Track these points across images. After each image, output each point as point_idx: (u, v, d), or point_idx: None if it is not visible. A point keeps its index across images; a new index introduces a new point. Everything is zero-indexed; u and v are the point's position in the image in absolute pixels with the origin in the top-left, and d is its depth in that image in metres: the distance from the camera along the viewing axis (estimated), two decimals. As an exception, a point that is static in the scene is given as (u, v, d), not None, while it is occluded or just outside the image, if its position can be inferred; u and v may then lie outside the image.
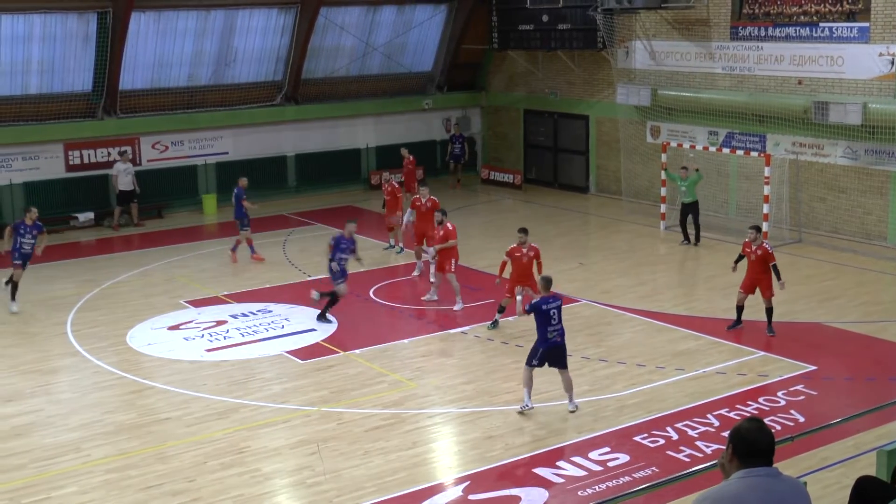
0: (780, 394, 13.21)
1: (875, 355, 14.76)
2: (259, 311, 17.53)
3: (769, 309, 15.55)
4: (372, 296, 18.24)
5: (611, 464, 11.24)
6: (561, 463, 11.30)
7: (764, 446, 4.56)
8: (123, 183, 25.01)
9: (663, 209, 23.64)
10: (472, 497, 10.57)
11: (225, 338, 16.10)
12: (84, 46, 24.74)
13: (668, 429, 12.13)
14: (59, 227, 24.24)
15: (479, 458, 11.50)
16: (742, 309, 15.73)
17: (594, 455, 11.46)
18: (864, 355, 14.76)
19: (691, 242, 21.80)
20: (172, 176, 26.69)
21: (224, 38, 26.62)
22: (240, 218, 20.91)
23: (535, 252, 15.87)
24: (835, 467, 10.84)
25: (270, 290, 18.96)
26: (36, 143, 24.75)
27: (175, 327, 16.74)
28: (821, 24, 21.79)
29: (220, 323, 16.86)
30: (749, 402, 12.93)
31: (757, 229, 15.82)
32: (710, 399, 13.06)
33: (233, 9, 26.28)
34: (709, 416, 12.51)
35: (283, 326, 16.63)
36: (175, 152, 26.84)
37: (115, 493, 10.76)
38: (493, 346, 15.49)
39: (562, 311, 12.68)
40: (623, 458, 11.38)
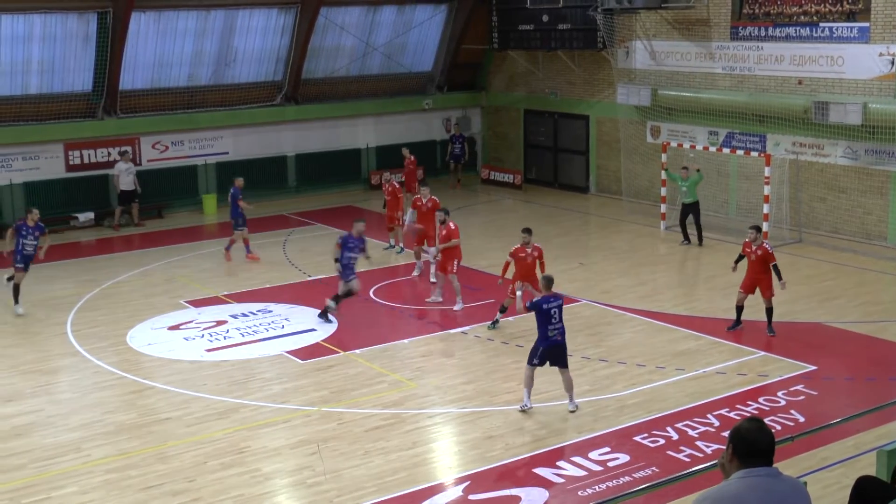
0: (780, 394, 13.21)
1: (875, 355, 14.76)
2: (259, 311, 17.53)
3: (769, 309, 15.56)
4: (372, 296, 18.23)
5: (611, 464, 11.24)
6: (561, 463, 11.30)
7: (764, 446, 4.56)
8: (125, 183, 25.02)
9: (663, 209, 23.64)
10: (472, 497, 10.57)
11: (225, 338, 16.10)
12: (84, 46, 24.74)
13: (669, 429, 12.13)
14: (59, 227, 24.22)
15: (479, 458, 11.50)
16: (742, 309, 15.73)
17: (594, 455, 11.46)
18: (864, 355, 14.77)
19: (691, 242, 21.81)
20: (172, 176, 26.70)
21: (224, 38, 26.62)
22: (235, 218, 21.00)
23: (539, 252, 15.87)
24: (835, 467, 10.84)
25: (270, 290, 18.96)
26: (36, 143, 24.76)
27: (175, 327, 16.74)
28: (821, 24, 21.79)
29: (220, 323, 16.86)
30: (749, 402, 12.93)
31: (757, 229, 15.82)
32: (711, 399, 13.06)
33: (233, 9, 26.28)
34: (709, 416, 12.51)
35: (283, 326, 16.63)
36: (175, 152, 26.84)
37: (116, 493, 10.77)
38: (494, 346, 15.49)
39: (562, 310, 12.69)
40: (623, 458, 11.38)
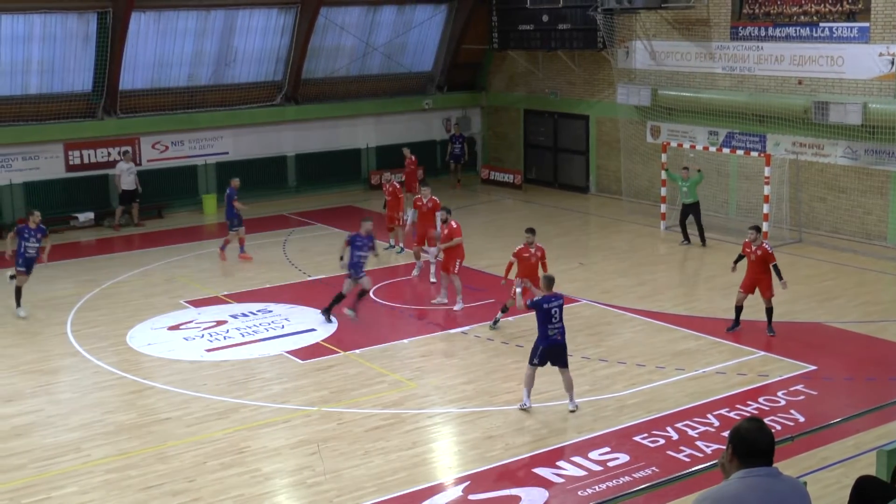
0: (780, 394, 13.22)
1: (875, 355, 14.76)
2: (259, 311, 17.54)
3: (769, 309, 15.55)
4: (372, 296, 18.23)
5: (611, 464, 11.24)
6: (561, 463, 11.30)
7: (764, 446, 4.56)
8: (126, 182, 25.02)
9: (663, 209, 23.64)
10: (472, 497, 10.57)
11: (225, 338, 16.10)
12: (84, 46, 24.74)
13: (668, 429, 12.13)
14: (59, 227, 24.23)
15: (479, 458, 11.50)
16: (741, 309, 15.71)
17: (594, 455, 11.46)
18: (864, 355, 14.76)
19: (691, 242, 21.80)
20: (172, 176, 26.70)
21: (224, 38, 26.62)
22: (230, 218, 21.06)
23: (542, 252, 15.87)
24: (835, 467, 10.84)
25: (270, 290, 18.97)
26: (36, 143, 24.75)
27: (175, 327, 16.74)
28: (821, 24, 21.79)
29: (220, 323, 16.86)
30: (749, 402, 12.93)
31: (757, 229, 15.81)
32: (710, 399, 13.06)
33: (233, 9, 26.28)
34: (709, 415, 12.51)
35: (283, 326, 16.64)
36: (175, 152, 26.85)
37: (115, 493, 10.76)
38: (494, 346, 15.49)
39: (563, 310, 12.69)
40: (623, 457, 11.38)
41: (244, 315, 17.30)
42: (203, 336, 16.20)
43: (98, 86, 25.15)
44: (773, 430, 4.64)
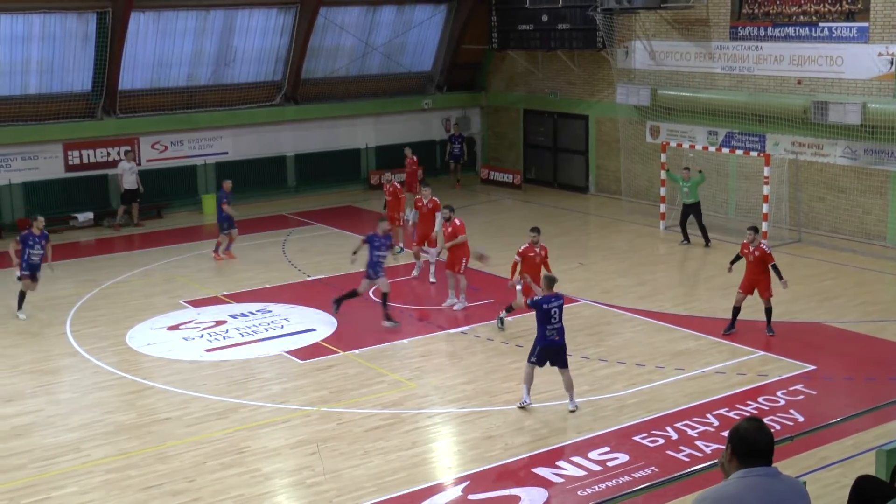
0: (779, 393, 13.22)
1: (874, 355, 14.77)
2: (258, 311, 17.54)
3: (768, 309, 15.55)
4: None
5: (610, 463, 11.25)
6: (560, 463, 11.31)
7: (763, 446, 4.56)
8: (128, 182, 25.03)
9: (663, 209, 23.65)
10: (471, 497, 10.57)
11: (224, 338, 16.10)
12: (83, 46, 24.74)
13: (668, 428, 12.14)
14: (58, 227, 24.22)
15: (479, 457, 11.51)
16: (738, 310, 15.67)
17: (594, 455, 11.47)
18: (864, 355, 14.77)
19: (691, 242, 21.80)
20: (172, 176, 26.70)
21: (223, 38, 26.62)
22: (220, 222, 21.08)
23: (545, 252, 15.87)
24: (834, 467, 10.85)
25: (270, 290, 18.97)
26: (35, 143, 24.75)
27: (175, 327, 16.74)
28: (820, 23, 21.80)
29: (219, 323, 16.86)
30: (748, 402, 12.94)
31: (754, 230, 15.78)
32: (710, 399, 13.06)
33: (232, 9, 26.28)
34: (708, 415, 12.52)
35: (282, 326, 16.64)
36: (174, 152, 26.85)
37: (115, 494, 10.77)
38: (493, 346, 15.49)
39: (563, 310, 12.69)
40: (623, 457, 11.39)
41: (243, 315, 17.30)
42: (202, 336, 16.20)
43: (97, 86, 25.15)
44: (772, 430, 4.65)
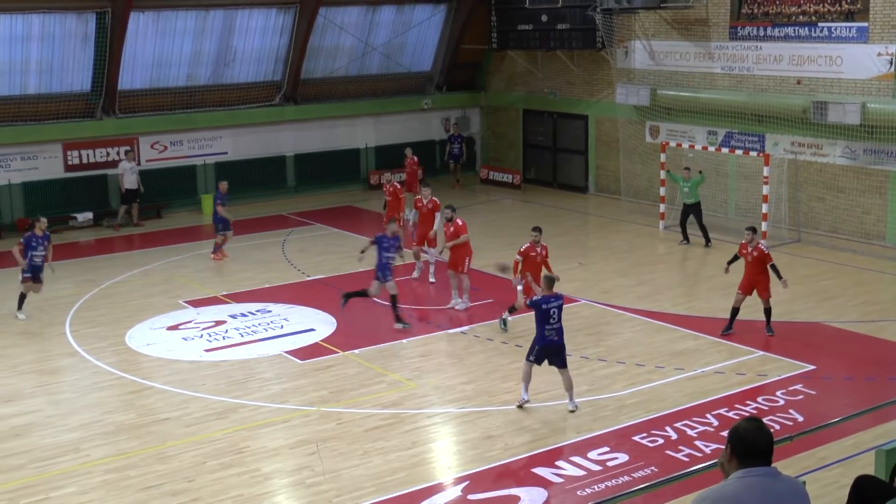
0: (778, 393, 13.22)
1: (874, 355, 14.77)
2: (258, 311, 17.54)
3: (767, 309, 15.55)
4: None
5: (610, 463, 11.25)
6: (560, 462, 11.31)
7: (763, 446, 4.56)
8: (129, 181, 25.03)
9: (662, 209, 23.66)
10: (471, 497, 10.57)
11: (224, 338, 16.10)
12: (83, 46, 24.73)
13: (668, 428, 12.14)
14: (58, 227, 24.20)
15: (479, 457, 11.51)
16: (737, 311, 15.66)
17: (593, 455, 11.47)
18: (863, 355, 14.77)
19: (690, 242, 21.80)
20: (171, 176, 26.70)
21: (223, 37, 26.62)
22: (216, 223, 21.07)
23: (546, 251, 15.87)
24: (833, 467, 10.85)
25: (269, 290, 18.97)
26: (34, 143, 24.75)
27: (174, 327, 16.74)
28: (820, 23, 21.81)
29: (219, 323, 16.86)
30: (748, 402, 12.94)
31: (753, 230, 15.76)
32: (709, 399, 13.07)
33: (232, 9, 26.28)
34: (708, 415, 12.52)
35: (282, 326, 16.64)
36: (174, 152, 26.84)
37: (115, 494, 10.77)
38: (493, 346, 15.49)
39: (562, 311, 12.69)
40: (622, 457, 11.39)
41: (243, 315, 17.30)
42: (202, 336, 16.20)
43: (97, 86, 25.15)
44: (771, 430, 4.65)
